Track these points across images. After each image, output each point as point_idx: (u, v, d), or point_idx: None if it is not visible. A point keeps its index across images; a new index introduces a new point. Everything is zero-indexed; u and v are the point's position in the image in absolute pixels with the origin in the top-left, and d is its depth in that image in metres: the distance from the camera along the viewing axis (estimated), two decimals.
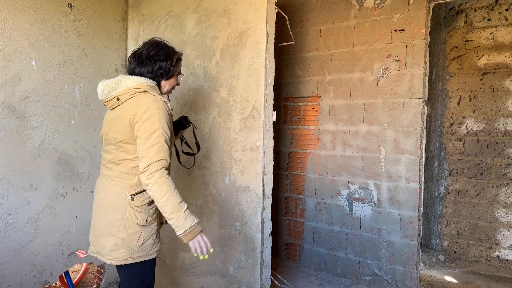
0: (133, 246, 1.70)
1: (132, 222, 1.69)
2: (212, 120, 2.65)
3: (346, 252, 3.28)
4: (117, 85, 1.69)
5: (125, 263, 1.71)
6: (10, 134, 2.25)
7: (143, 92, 1.68)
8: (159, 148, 1.60)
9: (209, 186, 2.68)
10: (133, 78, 1.70)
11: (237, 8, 2.50)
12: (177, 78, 1.86)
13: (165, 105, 1.67)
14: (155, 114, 1.61)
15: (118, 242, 1.69)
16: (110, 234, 1.70)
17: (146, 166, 1.58)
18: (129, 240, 1.69)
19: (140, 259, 1.73)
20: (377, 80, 3.08)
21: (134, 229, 1.69)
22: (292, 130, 3.59)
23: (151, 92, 1.68)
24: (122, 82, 1.69)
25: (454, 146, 3.92)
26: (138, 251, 1.72)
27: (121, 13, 2.99)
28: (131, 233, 1.69)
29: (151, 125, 1.60)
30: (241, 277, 2.55)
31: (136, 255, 1.72)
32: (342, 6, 3.23)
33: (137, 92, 1.67)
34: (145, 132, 1.60)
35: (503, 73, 3.67)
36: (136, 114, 1.62)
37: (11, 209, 2.27)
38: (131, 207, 1.69)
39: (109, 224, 1.71)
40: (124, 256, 1.70)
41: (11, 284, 2.27)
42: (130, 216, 1.69)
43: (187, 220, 1.60)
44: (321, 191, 3.41)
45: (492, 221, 3.72)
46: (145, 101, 1.63)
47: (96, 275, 3.03)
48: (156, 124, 1.60)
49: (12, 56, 2.25)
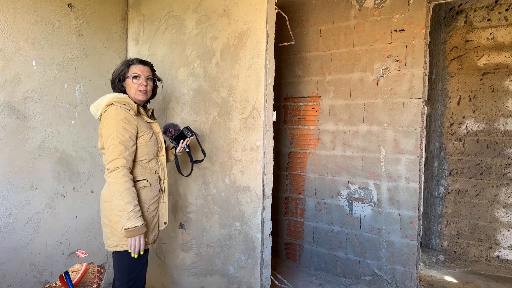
0: (118, 233, 1.90)
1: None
2: (212, 120, 2.65)
3: (346, 252, 3.28)
4: (99, 104, 1.98)
5: (114, 250, 1.92)
6: (10, 134, 2.26)
7: (110, 105, 1.94)
8: (113, 149, 1.84)
9: (209, 186, 2.68)
10: (108, 95, 2.00)
11: (237, 8, 2.50)
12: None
13: (124, 111, 1.92)
14: (110, 120, 1.88)
15: (109, 230, 1.94)
16: (105, 224, 1.97)
17: (107, 166, 1.85)
18: (115, 227, 1.91)
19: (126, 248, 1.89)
20: (377, 80, 3.08)
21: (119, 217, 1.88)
22: (292, 130, 3.59)
23: (115, 103, 1.94)
24: (101, 101, 1.98)
25: (454, 146, 3.93)
26: (125, 239, 1.88)
27: (121, 13, 2.99)
28: (116, 221, 1.90)
29: (107, 130, 1.88)
30: (241, 277, 2.55)
31: (123, 242, 1.89)
32: (342, 6, 3.23)
33: (107, 107, 1.94)
34: (105, 136, 1.88)
35: (503, 73, 3.67)
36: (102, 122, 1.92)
37: (11, 209, 2.27)
38: None
39: (104, 215, 1.98)
40: (114, 243, 1.92)
41: (11, 284, 2.28)
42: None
43: (129, 220, 1.81)
44: (321, 191, 3.41)
45: (492, 221, 3.72)
46: (108, 112, 1.91)
47: (96, 275, 3.03)
48: (111, 129, 1.87)
49: (13, 56, 2.25)
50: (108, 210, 1.94)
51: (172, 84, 2.81)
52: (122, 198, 1.80)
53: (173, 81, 2.81)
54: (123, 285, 1.96)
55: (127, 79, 2.04)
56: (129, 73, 2.04)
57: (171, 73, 2.82)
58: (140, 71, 2.05)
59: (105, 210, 1.97)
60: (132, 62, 2.07)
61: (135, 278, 1.98)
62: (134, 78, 2.03)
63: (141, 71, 2.06)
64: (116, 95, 2.00)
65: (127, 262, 1.94)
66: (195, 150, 2.60)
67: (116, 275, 2.00)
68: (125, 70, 2.04)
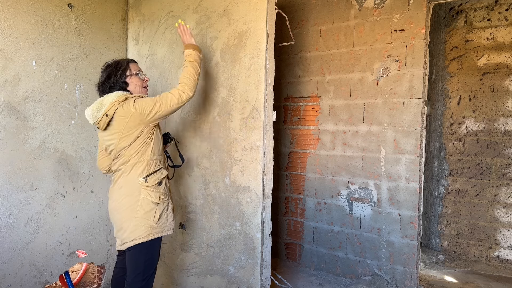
0: (151, 222, 1.98)
1: (147, 201, 1.98)
2: (212, 120, 2.65)
3: (346, 252, 3.28)
4: (102, 103, 1.94)
5: (145, 240, 1.97)
6: (10, 134, 2.26)
7: (125, 100, 1.95)
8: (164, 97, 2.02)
9: (209, 186, 2.68)
10: (112, 94, 1.97)
11: (237, 8, 2.50)
12: (138, 77, 2.09)
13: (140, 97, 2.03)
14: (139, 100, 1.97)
15: (137, 222, 1.96)
16: (130, 218, 1.98)
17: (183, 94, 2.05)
18: (146, 217, 1.97)
19: (159, 234, 2.02)
20: (377, 80, 3.08)
21: (150, 206, 1.99)
22: (292, 130, 3.59)
23: (130, 97, 1.98)
24: (105, 100, 1.95)
25: (454, 146, 3.93)
26: (156, 227, 2.00)
27: (121, 13, 2.99)
28: (147, 211, 1.98)
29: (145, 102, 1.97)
30: (241, 277, 2.55)
31: (155, 230, 2.00)
32: (342, 6, 3.23)
33: (120, 102, 1.93)
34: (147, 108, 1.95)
35: (503, 73, 3.67)
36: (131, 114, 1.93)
37: (11, 209, 2.27)
38: (144, 188, 1.99)
39: (128, 209, 1.98)
40: (145, 233, 1.97)
41: (11, 283, 2.28)
42: (145, 196, 1.98)
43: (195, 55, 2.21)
44: (321, 191, 3.41)
45: (492, 221, 3.72)
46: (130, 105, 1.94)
47: (96, 275, 3.03)
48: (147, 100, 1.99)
49: (13, 56, 2.25)
50: (134, 202, 1.97)
51: (172, 84, 2.81)
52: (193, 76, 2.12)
53: (173, 81, 2.81)
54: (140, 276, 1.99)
55: (132, 76, 2.06)
56: (133, 70, 2.07)
57: (171, 73, 2.82)
58: (139, 68, 2.14)
59: (129, 204, 1.98)
60: (129, 60, 2.12)
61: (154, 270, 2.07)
62: (137, 75, 2.08)
63: (140, 68, 2.15)
64: (123, 92, 2.00)
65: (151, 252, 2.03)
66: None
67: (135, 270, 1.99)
68: (126, 69, 2.06)
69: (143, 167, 2.00)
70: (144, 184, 1.98)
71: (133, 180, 2.00)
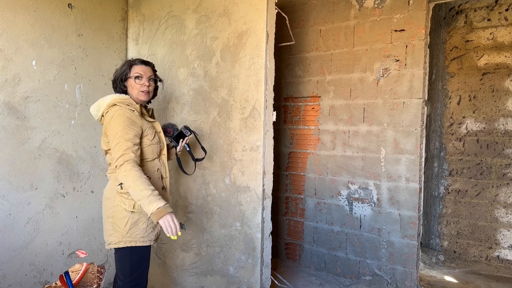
0: (121, 230, 1.93)
1: (120, 208, 1.95)
2: (212, 120, 2.65)
3: (346, 252, 3.28)
4: (100, 105, 2.01)
5: (117, 246, 1.94)
6: (10, 134, 2.26)
7: (113, 106, 1.96)
8: (120, 145, 1.85)
9: (209, 186, 2.68)
10: (109, 96, 2.02)
11: (237, 8, 2.50)
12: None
13: (129, 111, 1.94)
14: (115, 120, 1.89)
15: (111, 227, 1.96)
16: (107, 221, 1.99)
17: (115, 163, 1.85)
18: (118, 224, 1.94)
19: (131, 244, 1.94)
20: (377, 80, 3.08)
21: (122, 214, 1.94)
22: (292, 130, 3.59)
23: (118, 104, 1.96)
24: (103, 101, 2.00)
25: (454, 146, 3.93)
26: (127, 235, 1.93)
27: (121, 13, 2.99)
28: (119, 218, 1.94)
29: (113, 130, 1.89)
30: (241, 277, 2.55)
31: (126, 239, 1.93)
32: (342, 6, 3.23)
33: (109, 107, 1.96)
34: (110, 135, 1.90)
35: (503, 73, 3.67)
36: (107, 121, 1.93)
37: (11, 209, 2.27)
38: (119, 194, 1.95)
39: (106, 212, 2.00)
40: (116, 240, 1.94)
41: (11, 284, 2.28)
42: (119, 202, 1.95)
43: (150, 204, 1.75)
44: (321, 191, 3.41)
45: (492, 221, 3.72)
46: (112, 112, 1.93)
47: (96, 275, 3.03)
48: (116, 128, 1.88)
49: (13, 56, 2.25)
50: (111, 206, 1.97)
51: (172, 84, 2.81)
52: (137, 187, 1.77)
53: (173, 81, 2.81)
54: (126, 284, 1.96)
55: (129, 79, 2.04)
56: (131, 73, 2.04)
57: (171, 73, 2.82)
58: (142, 71, 2.06)
59: (108, 207, 2.00)
60: (134, 62, 2.07)
61: (138, 277, 1.98)
62: (136, 78, 2.03)
63: (143, 71, 2.06)
64: (118, 96, 2.00)
65: (129, 261, 1.96)
66: (194, 148, 2.60)
67: (119, 274, 2.00)
68: (127, 70, 2.04)
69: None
70: (119, 191, 1.94)
71: (112, 185, 2.00)
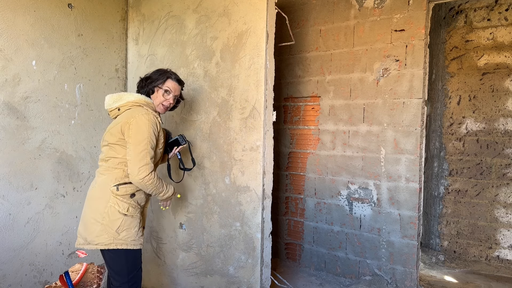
0: (114, 232, 1.92)
1: (114, 210, 1.93)
2: (212, 120, 2.65)
3: (346, 252, 3.28)
4: (120, 98, 2.00)
5: (108, 248, 1.92)
6: (10, 134, 2.26)
7: (139, 106, 1.99)
8: (145, 154, 1.90)
9: (209, 186, 2.68)
10: (134, 94, 2.04)
11: (237, 8, 2.50)
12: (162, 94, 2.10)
13: (154, 117, 1.98)
14: (144, 124, 1.91)
15: (102, 227, 1.92)
16: (96, 221, 1.93)
17: (136, 169, 1.88)
18: (111, 225, 1.92)
19: (123, 246, 1.94)
20: (377, 80, 3.08)
21: (116, 216, 1.93)
22: (292, 130, 3.59)
23: (145, 106, 2.01)
24: (124, 96, 2.01)
25: (454, 146, 3.93)
26: (119, 238, 1.93)
27: (121, 13, 2.99)
28: (113, 220, 1.92)
29: (140, 134, 1.90)
30: (241, 277, 2.55)
31: (118, 241, 1.93)
32: (342, 6, 3.23)
33: (134, 105, 1.98)
34: (135, 139, 1.89)
35: (503, 73, 3.67)
36: (128, 123, 1.91)
37: (11, 209, 2.27)
38: (114, 196, 1.93)
39: (96, 212, 1.94)
40: (107, 241, 1.92)
41: (11, 284, 2.28)
42: (113, 204, 1.93)
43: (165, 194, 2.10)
44: (321, 191, 3.41)
45: (492, 221, 3.72)
46: (137, 113, 1.94)
47: (96, 275, 3.03)
48: (145, 133, 1.90)
49: (13, 56, 2.25)
50: (103, 207, 1.92)
51: None
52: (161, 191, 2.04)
53: None
54: (124, 284, 1.96)
55: (159, 89, 2.09)
56: (164, 86, 2.09)
57: None
58: (173, 88, 2.13)
59: (97, 207, 1.94)
60: (170, 76, 2.13)
61: (135, 276, 2.00)
62: (165, 92, 2.09)
63: (174, 88, 2.13)
64: (144, 98, 2.04)
65: (124, 262, 1.97)
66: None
67: (113, 275, 1.99)
68: (161, 81, 2.09)
69: (118, 174, 1.95)
70: (115, 192, 1.93)
71: (106, 184, 1.95)
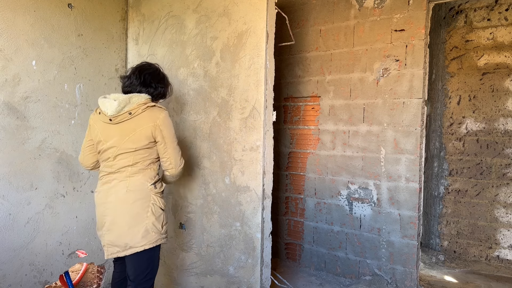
0: (160, 228, 2.00)
1: (157, 207, 2.00)
2: (212, 120, 2.65)
3: (346, 252, 3.28)
4: (129, 101, 1.94)
5: (155, 245, 1.98)
6: (10, 134, 2.26)
7: (153, 106, 1.99)
8: (177, 149, 2.07)
9: (209, 186, 2.68)
10: (141, 95, 1.98)
11: (237, 8, 2.50)
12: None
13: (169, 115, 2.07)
14: (169, 122, 2.02)
15: (148, 227, 1.95)
16: (138, 223, 1.94)
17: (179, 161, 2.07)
18: (157, 222, 1.99)
19: (163, 241, 2.04)
20: (377, 80, 3.08)
21: (159, 212, 2.01)
22: (292, 130, 3.59)
23: (157, 105, 2.03)
24: (133, 99, 1.95)
25: (454, 146, 3.93)
26: (163, 232, 2.03)
27: (121, 13, 2.99)
28: (158, 216, 1.99)
29: (170, 131, 2.02)
30: (241, 277, 2.55)
31: (162, 236, 2.03)
32: (342, 6, 3.23)
33: (148, 107, 1.97)
34: (169, 138, 2.01)
35: (503, 73, 3.67)
36: (156, 125, 1.96)
37: (11, 209, 2.27)
38: (154, 194, 2.00)
39: (136, 214, 1.94)
40: (155, 238, 1.97)
41: (11, 284, 2.28)
42: (154, 202, 1.99)
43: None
44: (321, 191, 3.41)
45: (492, 221, 3.72)
46: (158, 114, 1.98)
47: (96, 275, 3.03)
48: (172, 129, 2.03)
49: (12, 56, 2.25)
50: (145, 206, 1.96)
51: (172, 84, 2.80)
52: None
53: (173, 81, 2.80)
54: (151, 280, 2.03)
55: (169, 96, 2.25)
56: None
57: (171, 73, 2.81)
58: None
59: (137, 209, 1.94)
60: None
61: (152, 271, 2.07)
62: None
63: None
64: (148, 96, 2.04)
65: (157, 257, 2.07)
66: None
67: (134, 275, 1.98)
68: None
69: (152, 173, 2.03)
70: (154, 190, 2.00)
71: (142, 184, 1.97)
